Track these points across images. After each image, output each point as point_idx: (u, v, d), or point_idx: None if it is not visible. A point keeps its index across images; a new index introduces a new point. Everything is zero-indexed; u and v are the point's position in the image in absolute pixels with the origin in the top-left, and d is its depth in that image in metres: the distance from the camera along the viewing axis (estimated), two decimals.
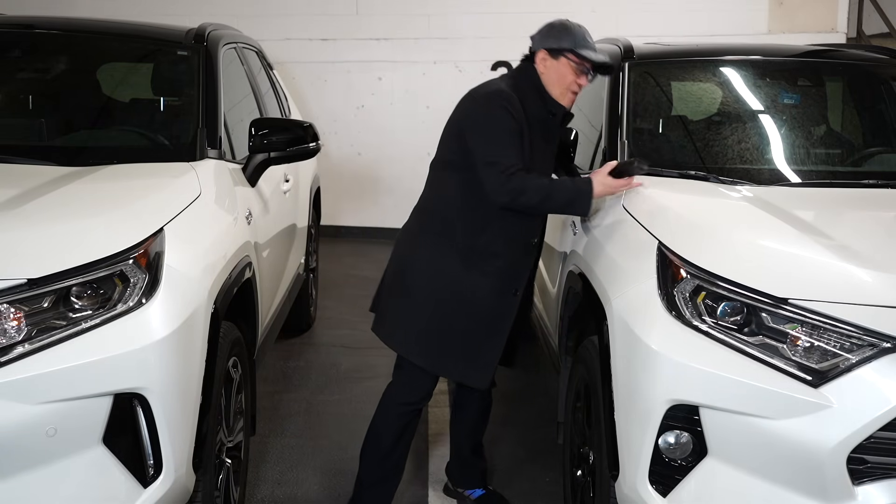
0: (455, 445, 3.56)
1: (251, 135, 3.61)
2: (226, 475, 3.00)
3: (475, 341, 3.05)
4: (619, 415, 2.61)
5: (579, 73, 3.01)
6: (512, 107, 2.95)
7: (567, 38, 3.00)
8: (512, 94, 3.00)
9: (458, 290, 3.02)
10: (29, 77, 4.07)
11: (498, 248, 3.02)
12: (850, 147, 3.95)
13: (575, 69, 3.00)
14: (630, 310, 2.62)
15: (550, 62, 3.04)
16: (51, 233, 2.52)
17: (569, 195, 2.96)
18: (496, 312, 3.04)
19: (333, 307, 6.28)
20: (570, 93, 3.04)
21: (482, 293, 3.02)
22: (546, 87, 3.05)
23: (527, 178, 2.91)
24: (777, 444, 2.30)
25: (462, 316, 3.03)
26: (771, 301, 2.40)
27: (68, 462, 2.34)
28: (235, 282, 3.09)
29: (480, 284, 3.01)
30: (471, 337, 3.05)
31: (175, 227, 2.71)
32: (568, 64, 3.01)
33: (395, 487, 3.31)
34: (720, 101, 3.92)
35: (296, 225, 4.91)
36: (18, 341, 2.31)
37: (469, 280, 3.01)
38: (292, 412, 4.44)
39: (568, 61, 3.00)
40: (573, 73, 3.01)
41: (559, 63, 3.02)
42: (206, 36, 3.94)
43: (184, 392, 2.55)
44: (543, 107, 3.05)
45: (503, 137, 2.93)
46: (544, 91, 3.05)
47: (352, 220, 8.58)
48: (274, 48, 6.70)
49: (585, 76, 3.02)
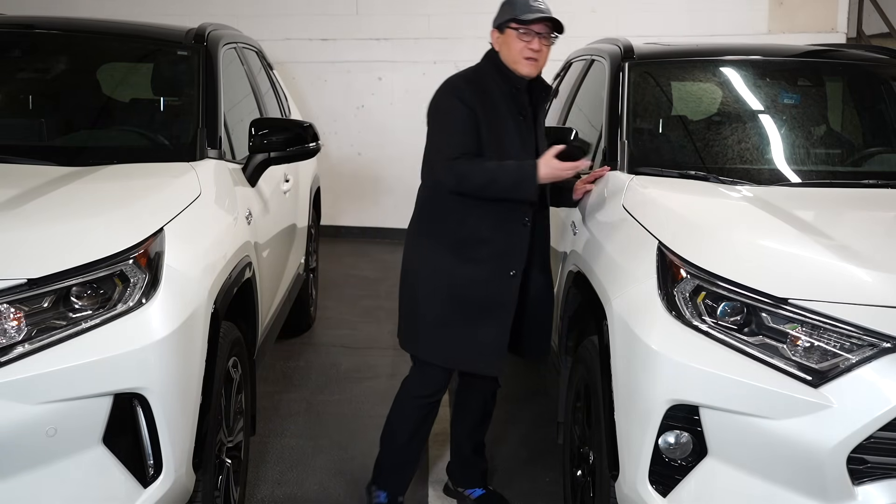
0: (455, 445, 3.56)
1: (251, 135, 3.61)
2: (226, 475, 2.99)
3: (478, 330, 3.08)
4: (619, 415, 2.61)
5: (526, 38, 3.03)
6: (463, 94, 3.03)
7: (508, 11, 3.06)
8: (470, 80, 3.09)
9: (454, 282, 3.07)
10: (29, 77, 4.07)
11: (484, 234, 3.05)
12: (850, 147, 3.95)
13: (520, 36, 3.03)
14: (630, 310, 2.62)
15: (501, 38, 3.09)
16: (51, 233, 2.52)
17: (513, 178, 2.97)
18: (494, 297, 3.07)
19: (333, 307, 6.28)
20: (525, 59, 3.04)
21: (478, 281, 3.06)
22: (505, 63, 3.09)
23: (472, 163, 2.97)
24: (777, 444, 2.30)
25: (462, 307, 3.07)
26: (771, 301, 2.39)
27: (68, 462, 2.33)
28: (235, 282, 3.09)
29: (475, 273, 3.05)
30: (473, 326, 3.08)
31: (175, 227, 2.71)
32: (513, 34, 3.04)
33: (412, 472, 3.39)
34: (720, 101, 3.92)
35: (296, 225, 4.91)
36: (18, 341, 2.31)
37: (463, 271, 3.06)
38: (292, 412, 4.44)
39: (512, 31, 3.04)
40: (520, 40, 3.03)
41: (507, 36, 3.07)
42: (206, 36, 3.94)
43: (184, 392, 2.55)
44: (506, 82, 3.10)
45: (449, 125, 3.01)
46: (504, 67, 3.09)
47: (352, 220, 8.58)
48: (274, 48, 6.70)
49: (536, 39, 3.04)
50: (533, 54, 3.03)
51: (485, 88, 3.07)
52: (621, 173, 3.40)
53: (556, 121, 4.64)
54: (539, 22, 3.01)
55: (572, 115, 4.43)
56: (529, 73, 3.08)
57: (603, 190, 3.34)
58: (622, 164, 3.46)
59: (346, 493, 3.63)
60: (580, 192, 3.41)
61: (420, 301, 3.13)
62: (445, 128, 3.03)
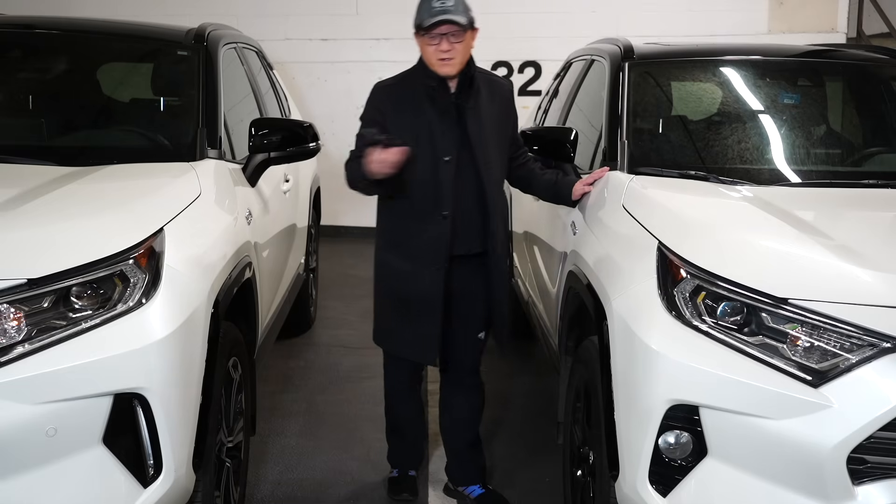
0: (450, 446, 3.58)
1: (251, 135, 3.61)
2: (226, 475, 2.99)
3: (412, 321, 3.27)
4: (619, 415, 2.61)
5: (434, 42, 3.11)
6: (377, 98, 3.26)
7: (416, 17, 3.16)
8: (397, 81, 3.29)
9: (391, 277, 3.31)
10: (29, 77, 4.07)
11: (410, 230, 3.21)
12: (850, 147, 3.95)
13: (428, 41, 3.12)
14: (630, 310, 2.62)
15: (418, 42, 3.20)
16: (51, 233, 2.52)
17: (356, 176, 3.15)
18: (421, 289, 3.22)
19: (333, 307, 6.28)
20: (439, 61, 3.13)
21: (405, 274, 3.24)
22: (427, 64, 3.20)
23: (350, 163, 3.17)
24: (777, 445, 2.30)
25: (398, 300, 3.30)
26: (771, 301, 2.39)
27: (68, 462, 2.33)
28: (235, 282, 3.09)
29: (403, 266, 3.24)
30: (407, 317, 3.28)
31: (175, 227, 2.71)
32: (422, 40, 3.15)
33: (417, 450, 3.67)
34: (720, 101, 3.92)
35: (296, 225, 4.91)
36: (18, 341, 2.31)
37: (396, 265, 3.26)
38: (292, 412, 4.44)
39: (420, 37, 3.15)
40: (428, 45, 3.13)
41: (420, 40, 3.17)
42: (206, 36, 3.94)
43: (184, 392, 2.55)
44: (431, 81, 3.19)
45: (360, 130, 3.22)
46: (426, 67, 3.20)
47: (352, 220, 8.57)
48: (274, 48, 6.70)
49: (443, 41, 3.09)
50: (443, 55, 3.11)
51: (411, 87, 3.21)
52: (621, 173, 3.40)
53: (557, 121, 4.64)
54: (439, 25, 3.07)
55: (572, 115, 4.43)
56: (448, 73, 3.14)
57: (603, 190, 3.34)
58: (622, 164, 3.46)
59: (347, 493, 3.63)
60: (579, 192, 3.42)
61: (374, 295, 3.43)
62: (358, 133, 3.23)
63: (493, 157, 3.25)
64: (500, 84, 3.40)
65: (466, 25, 3.09)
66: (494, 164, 3.26)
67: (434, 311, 3.22)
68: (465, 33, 3.11)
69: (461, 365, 3.45)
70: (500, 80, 3.44)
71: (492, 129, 3.26)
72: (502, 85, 3.41)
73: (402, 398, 3.57)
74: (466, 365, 3.46)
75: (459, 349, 3.40)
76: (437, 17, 3.06)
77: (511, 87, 3.47)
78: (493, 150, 3.26)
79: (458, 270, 3.25)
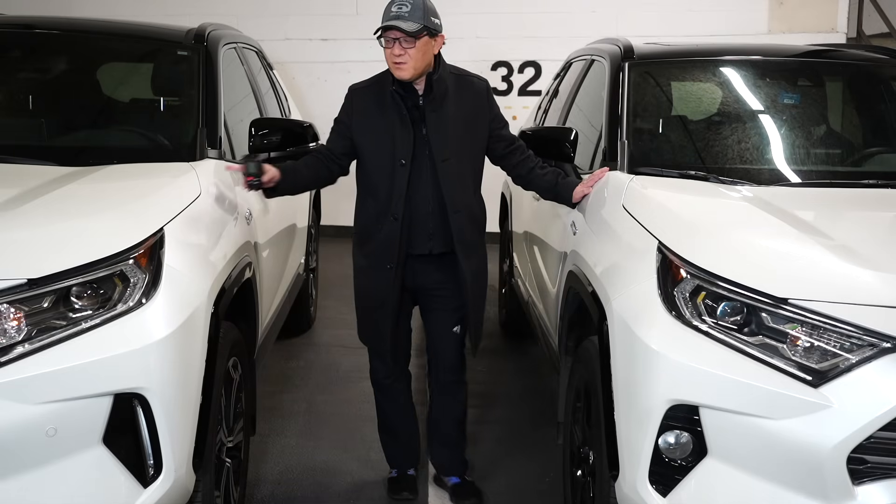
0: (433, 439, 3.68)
1: (251, 135, 3.61)
2: (226, 475, 2.99)
3: (371, 312, 3.45)
4: (619, 415, 2.60)
5: (388, 46, 3.17)
6: (347, 101, 3.37)
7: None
8: (371, 83, 3.37)
9: (356, 273, 3.47)
10: (29, 77, 4.07)
11: (368, 229, 3.37)
12: (850, 147, 3.94)
13: (386, 45, 3.19)
14: (630, 310, 2.61)
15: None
16: (51, 233, 2.52)
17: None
18: (376, 285, 3.37)
19: (333, 307, 6.27)
20: (394, 64, 3.18)
21: (365, 270, 3.41)
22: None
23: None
24: (777, 445, 2.30)
25: (361, 294, 3.48)
26: (771, 301, 2.39)
27: (68, 462, 2.33)
28: (235, 282, 3.09)
29: (363, 264, 3.42)
30: (368, 309, 3.46)
31: (175, 227, 2.71)
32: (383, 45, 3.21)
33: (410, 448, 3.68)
34: (720, 101, 3.92)
35: (296, 225, 4.91)
36: (18, 341, 2.31)
37: (358, 263, 3.44)
38: (292, 412, 4.44)
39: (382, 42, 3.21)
40: (386, 48, 3.19)
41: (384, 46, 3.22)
42: (206, 36, 3.94)
43: (184, 392, 2.55)
44: (393, 85, 3.25)
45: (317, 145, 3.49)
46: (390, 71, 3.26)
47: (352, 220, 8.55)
48: (274, 48, 6.70)
49: (396, 44, 3.14)
50: (396, 59, 3.14)
51: (381, 90, 3.29)
52: (621, 173, 3.40)
53: (557, 121, 4.64)
54: (387, 30, 3.12)
55: (572, 115, 4.42)
56: (401, 77, 3.18)
57: (603, 190, 3.34)
58: (622, 165, 3.46)
59: (347, 493, 3.63)
60: (579, 196, 3.41)
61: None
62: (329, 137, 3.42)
63: (458, 159, 3.28)
64: (471, 82, 3.39)
65: (414, 34, 3.11)
66: (457, 168, 3.28)
67: (386, 306, 3.37)
68: (419, 39, 3.13)
69: (441, 361, 3.53)
70: (473, 78, 3.42)
71: (459, 130, 3.28)
72: (473, 83, 3.39)
73: (386, 393, 3.62)
74: (445, 362, 3.52)
75: (437, 344, 3.51)
76: (386, 21, 3.12)
77: (486, 84, 3.44)
78: (461, 152, 3.29)
79: (424, 267, 3.37)
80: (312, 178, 3.46)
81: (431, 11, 3.20)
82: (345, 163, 3.40)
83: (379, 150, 3.27)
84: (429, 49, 3.19)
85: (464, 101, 3.32)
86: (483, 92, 3.40)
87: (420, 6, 3.14)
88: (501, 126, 3.44)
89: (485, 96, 3.40)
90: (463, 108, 3.30)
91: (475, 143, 3.36)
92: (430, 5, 3.20)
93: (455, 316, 3.46)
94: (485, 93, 3.41)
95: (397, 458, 3.69)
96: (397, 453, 3.69)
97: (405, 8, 3.12)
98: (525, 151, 3.51)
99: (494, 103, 3.43)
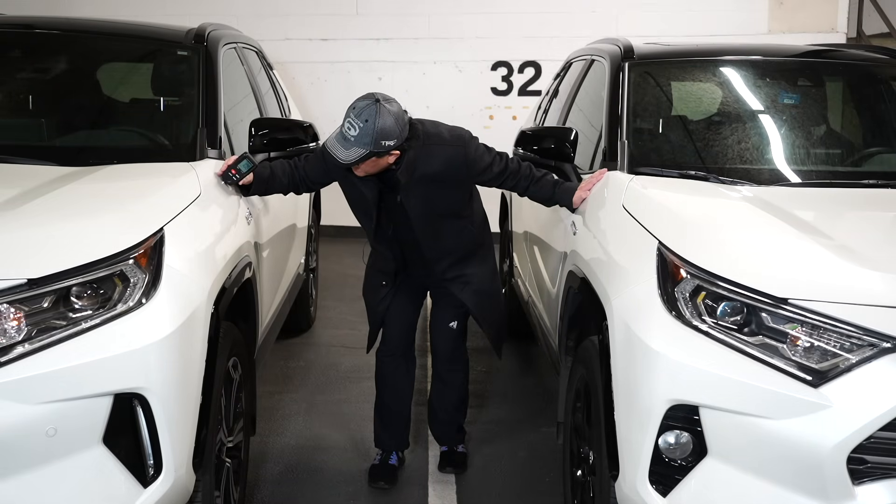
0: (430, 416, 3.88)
1: (251, 135, 3.61)
2: (226, 475, 2.99)
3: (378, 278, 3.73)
4: (619, 415, 2.60)
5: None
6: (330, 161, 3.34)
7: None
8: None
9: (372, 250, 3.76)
10: (29, 77, 4.07)
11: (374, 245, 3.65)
12: (849, 147, 3.95)
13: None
14: (630, 310, 2.61)
15: None
16: (51, 233, 2.52)
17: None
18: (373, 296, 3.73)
19: (333, 307, 6.28)
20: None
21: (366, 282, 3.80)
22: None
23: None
24: (777, 444, 2.30)
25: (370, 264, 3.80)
26: (771, 301, 2.39)
27: (68, 462, 2.33)
28: (235, 282, 3.08)
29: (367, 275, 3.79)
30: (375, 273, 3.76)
31: (175, 227, 2.71)
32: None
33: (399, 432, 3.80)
34: (720, 101, 3.92)
35: (296, 225, 4.91)
36: (18, 341, 2.31)
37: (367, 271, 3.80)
38: (292, 412, 4.44)
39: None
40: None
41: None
42: (206, 36, 3.94)
43: (184, 392, 2.55)
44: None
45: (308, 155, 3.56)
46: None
47: (352, 220, 8.52)
48: (274, 48, 6.70)
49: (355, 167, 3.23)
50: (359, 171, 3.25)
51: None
52: (621, 173, 3.40)
53: (557, 121, 4.64)
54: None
55: (572, 115, 4.43)
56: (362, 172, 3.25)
57: (603, 190, 3.34)
58: (622, 165, 3.46)
59: (347, 493, 3.63)
60: (579, 201, 3.41)
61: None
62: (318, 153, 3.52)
63: (438, 215, 3.40)
64: (445, 147, 3.30)
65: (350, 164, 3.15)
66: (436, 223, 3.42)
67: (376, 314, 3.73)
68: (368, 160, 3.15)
69: (437, 351, 3.77)
70: (447, 142, 3.32)
71: (433, 192, 3.33)
72: (446, 148, 3.30)
73: (382, 370, 3.78)
74: (441, 353, 3.74)
75: (435, 335, 3.76)
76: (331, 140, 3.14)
77: (462, 149, 3.32)
78: (438, 208, 3.39)
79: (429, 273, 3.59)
80: (282, 189, 3.54)
81: (384, 133, 3.08)
82: (315, 188, 3.70)
83: (358, 206, 3.49)
84: (380, 162, 3.20)
85: (437, 166, 3.29)
86: (459, 157, 3.31)
87: (370, 131, 3.05)
88: (487, 173, 3.39)
89: (462, 161, 3.32)
90: (437, 173, 3.30)
91: (454, 195, 3.44)
92: (385, 127, 3.08)
93: (454, 313, 3.66)
94: (461, 158, 3.32)
95: (382, 439, 3.79)
96: (383, 434, 3.79)
97: (352, 131, 3.07)
98: (517, 175, 3.44)
99: (479, 159, 3.34)
